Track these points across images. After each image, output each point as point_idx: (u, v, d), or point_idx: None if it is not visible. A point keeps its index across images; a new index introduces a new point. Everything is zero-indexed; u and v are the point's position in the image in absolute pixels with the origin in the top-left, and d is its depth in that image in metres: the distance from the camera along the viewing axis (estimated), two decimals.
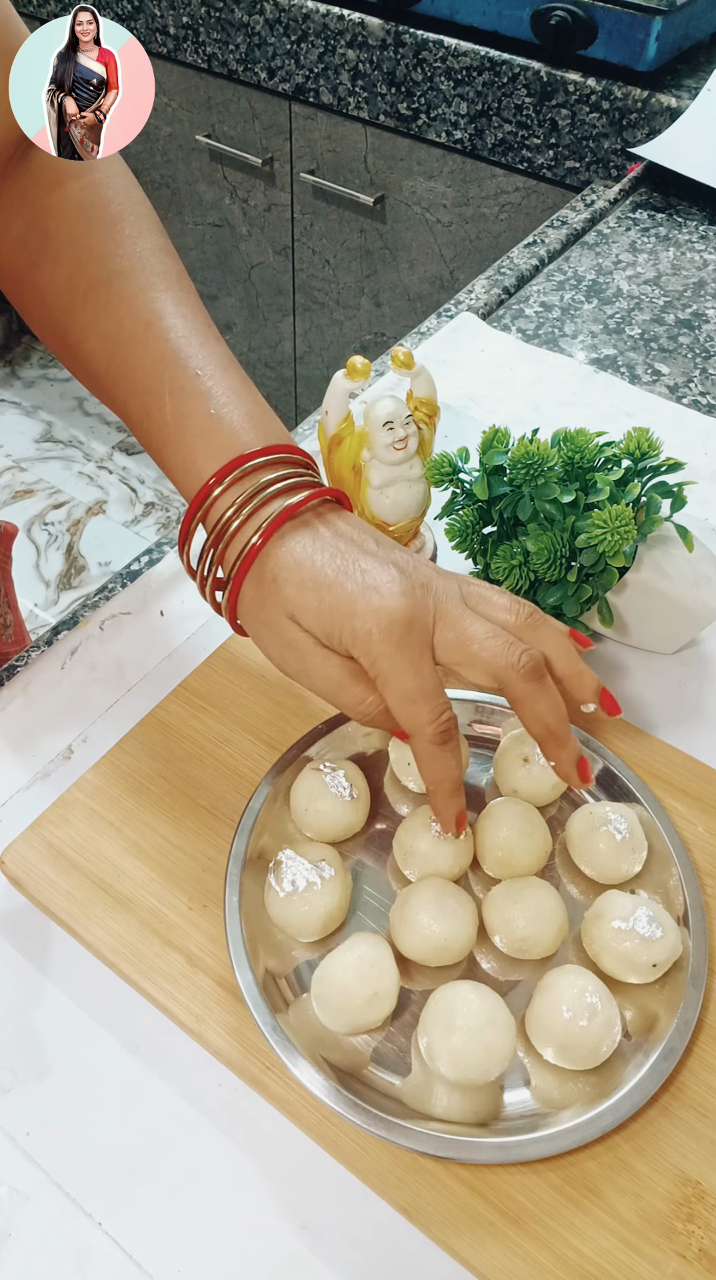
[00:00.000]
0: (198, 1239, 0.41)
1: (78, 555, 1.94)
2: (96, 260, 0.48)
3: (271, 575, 0.43)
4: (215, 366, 0.46)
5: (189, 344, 0.47)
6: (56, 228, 0.49)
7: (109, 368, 0.48)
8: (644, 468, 0.54)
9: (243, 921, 0.46)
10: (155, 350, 0.46)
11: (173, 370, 0.46)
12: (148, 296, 0.47)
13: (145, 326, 0.47)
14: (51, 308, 0.50)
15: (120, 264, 0.48)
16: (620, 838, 0.48)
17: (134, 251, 0.49)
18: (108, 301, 0.48)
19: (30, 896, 0.49)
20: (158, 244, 0.50)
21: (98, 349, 0.48)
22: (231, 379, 0.46)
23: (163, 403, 0.46)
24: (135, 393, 0.47)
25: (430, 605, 0.42)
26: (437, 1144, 0.40)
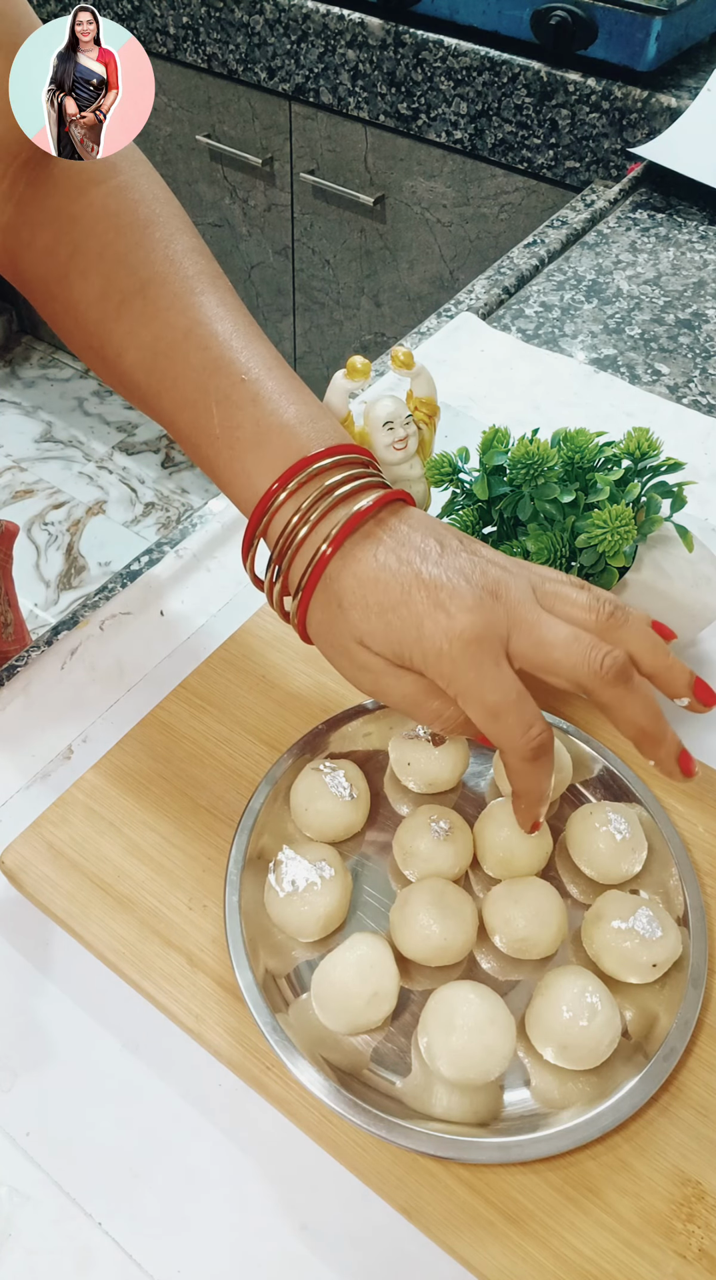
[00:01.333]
0: (198, 1239, 0.41)
1: (78, 555, 1.94)
2: (128, 269, 0.46)
3: (337, 600, 0.41)
4: (261, 368, 0.44)
5: (231, 349, 0.45)
6: (84, 238, 0.47)
7: (150, 381, 0.46)
8: (644, 468, 0.54)
9: (243, 921, 0.46)
10: (197, 359, 0.45)
11: (217, 379, 0.44)
12: (184, 302, 0.46)
13: (184, 335, 0.45)
14: (85, 321, 0.48)
15: (153, 271, 0.46)
16: (620, 838, 0.48)
17: (167, 256, 0.47)
18: (143, 312, 0.46)
19: (30, 896, 0.49)
20: (190, 245, 0.48)
21: (137, 362, 0.46)
22: (279, 380, 0.44)
23: (210, 415, 0.44)
24: (180, 406, 0.45)
25: (501, 614, 0.40)
26: (437, 1144, 0.40)
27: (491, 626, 0.39)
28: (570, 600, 0.41)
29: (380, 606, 0.40)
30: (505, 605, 0.40)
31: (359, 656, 0.41)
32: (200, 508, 0.70)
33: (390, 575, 0.40)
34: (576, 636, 0.39)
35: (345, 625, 0.41)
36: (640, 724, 0.40)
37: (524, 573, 0.42)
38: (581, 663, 0.39)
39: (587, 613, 0.41)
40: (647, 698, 0.40)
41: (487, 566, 0.41)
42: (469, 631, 0.39)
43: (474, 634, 0.39)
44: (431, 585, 0.40)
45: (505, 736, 0.39)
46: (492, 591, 0.40)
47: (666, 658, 0.41)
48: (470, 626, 0.39)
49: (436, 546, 0.41)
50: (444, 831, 0.47)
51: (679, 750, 0.41)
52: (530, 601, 0.40)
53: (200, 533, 0.67)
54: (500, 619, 0.39)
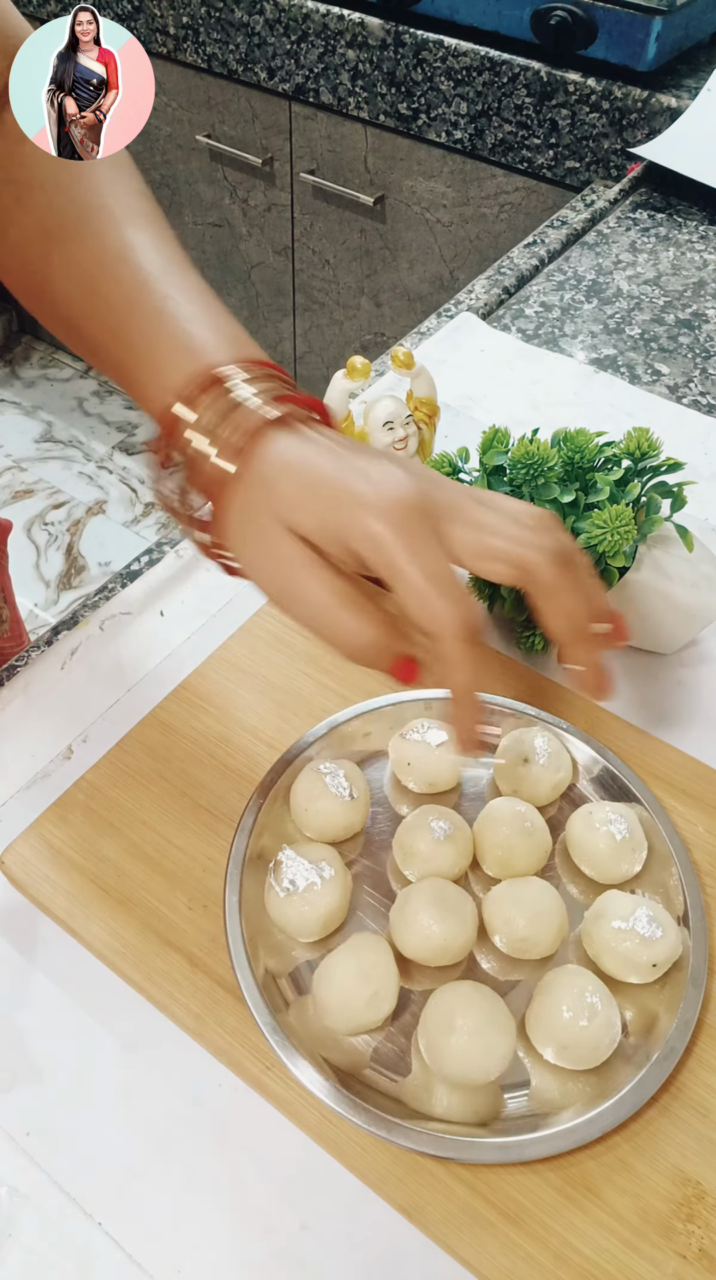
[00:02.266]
0: (198, 1239, 0.41)
1: (78, 555, 1.94)
2: (70, 200, 0.47)
3: (262, 477, 0.39)
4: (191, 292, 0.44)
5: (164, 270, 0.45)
6: (29, 176, 0.48)
7: (81, 302, 0.46)
8: (644, 468, 0.54)
9: (243, 921, 0.46)
10: (128, 280, 0.45)
11: (144, 296, 0.44)
12: (121, 231, 0.46)
13: (117, 259, 0.45)
14: (27, 259, 0.49)
15: (94, 200, 0.47)
16: (620, 838, 0.48)
17: (111, 191, 0.47)
18: (81, 237, 0.46)
19: (30, 896, 0.49)
20: (135, 187, 0.49)
21: (70, 287, 0.47)
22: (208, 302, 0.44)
23: (130, 327, 0.44)
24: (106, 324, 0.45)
25: (443, 498, 0.39)
26: (437, 1144, 0.40)
27: (432, 504, 0.38)
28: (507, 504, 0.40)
29: (313, 479, 0.38)
30: (446, 493, 0.39)
31: (281, 545, 0.39)
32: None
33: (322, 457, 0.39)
34: (516, 522, 0.39)
35: (272, 501, 0.39)
36: (574, 616, 0.39)
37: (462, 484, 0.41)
38: (525, 543, 0.38)
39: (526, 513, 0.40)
40: (585, 591, 0.39)
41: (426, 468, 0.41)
42: (411, 503, 0.37)
43: (416, 506, 0.37)
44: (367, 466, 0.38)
45: (441, 616, 0.37)
46: (432, 480, 0.39)
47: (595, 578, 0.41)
48: (412, 495, 0.37)
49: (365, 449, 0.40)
50: (444, 831, 0.47)
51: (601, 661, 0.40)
52: (469, 495, 0.40)
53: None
54: (442, 502, 0.39)
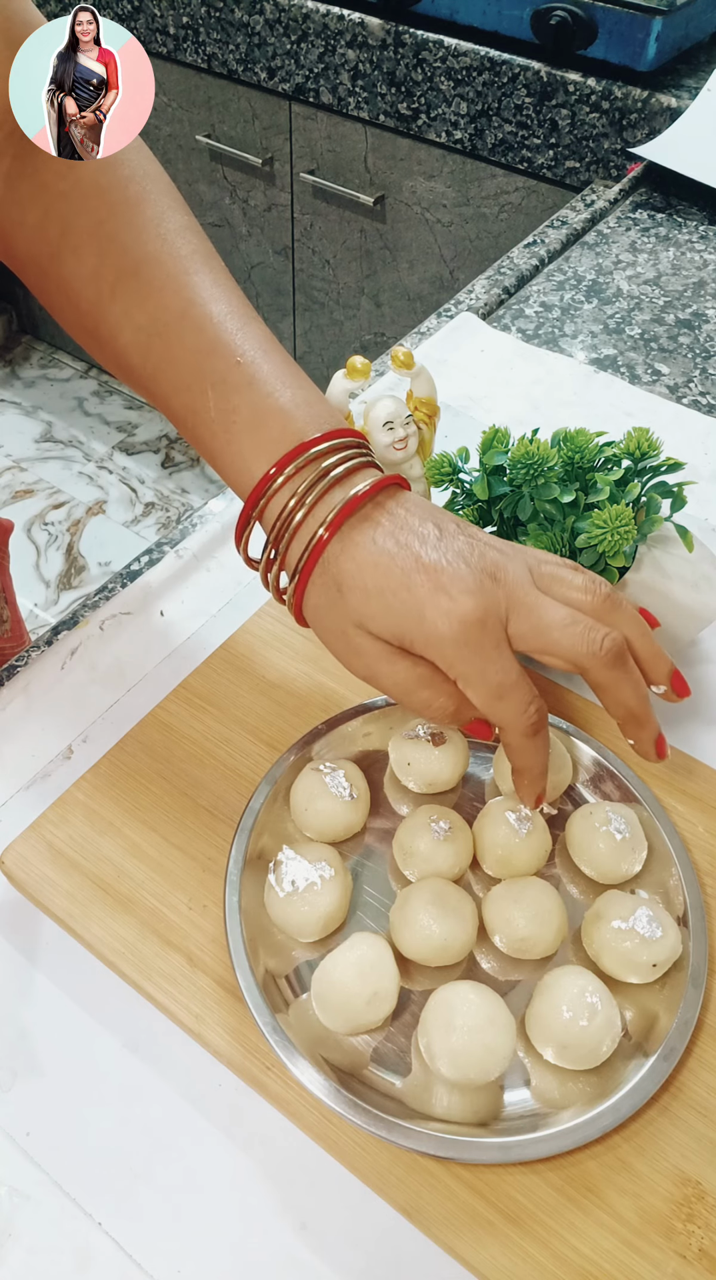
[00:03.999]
0: (198, 1239, 0.41)
1: (78, 555, 1.94)
2: (121, 248, 0.46)
3: (336, 582, 0.41)
4: (257, 351, 0.44)
5: (226, 330, 0.44)
6: (75, 215, 0.47)
7: (145, 363, 0.46)
8: (644, 468, 0.54)
9: (243, 921, 0.46)
10: (193, 341, 0.44)
11: (212, 361, 0.44)
12: (179, 282, 0.45)
13: (179, 316, 0.45)
14: (79, 302, 0.48)
15: (146, 250, 0.46)
16: (620, 838, 0.48)
17: (159, 234, 0.46)
18: (138, 292, 0.45)
19: (30, 896, 0.49)
20: (183, 223, 0.47)
21: (132, 344, 0.46)
22: (275, 363, 0.44)
23: (206, 398, 0.44)
24: (176, 389, 0.45)
25: (501, 596, 0.40)
26: (437, 1144, 0.40)
27: (492, 609, 0.40)
28: (566, 582, 0.42)
29: (380, 590, 0.40)
30: (504, 588, 0.41)
31: (356, 640, 0.42)
32: (200, 508, 0.70)
33: (389, 559, 0.41)
34: (574, 618, 0.40)
35: (344, 608, 0.41)
36: (630, 706, 0.42)
37: (520, 555, 0.42)
38: (580, 643, 0.40)
39: (584, 594, 0.42)
40: (639, 681, 0.42)
41: (485, 549, 0.42)
42: (471, 615, 0.39)
43: (476, 617, 0.39)
44: (431, 569, 0.40)
45: (508, 715, 0.40)
46: (491, 574, 0.41)
47: (653, 645, 0.43)
48: (472, 609, 0.39)
49: (434, 530, 0.42)
50: (444, 831, 0.47)
51: (657, 734, 0.43)
52: (528, 584, 0.41)
53: (200, 533, 0.67)
54: (499, 601, 0.40)
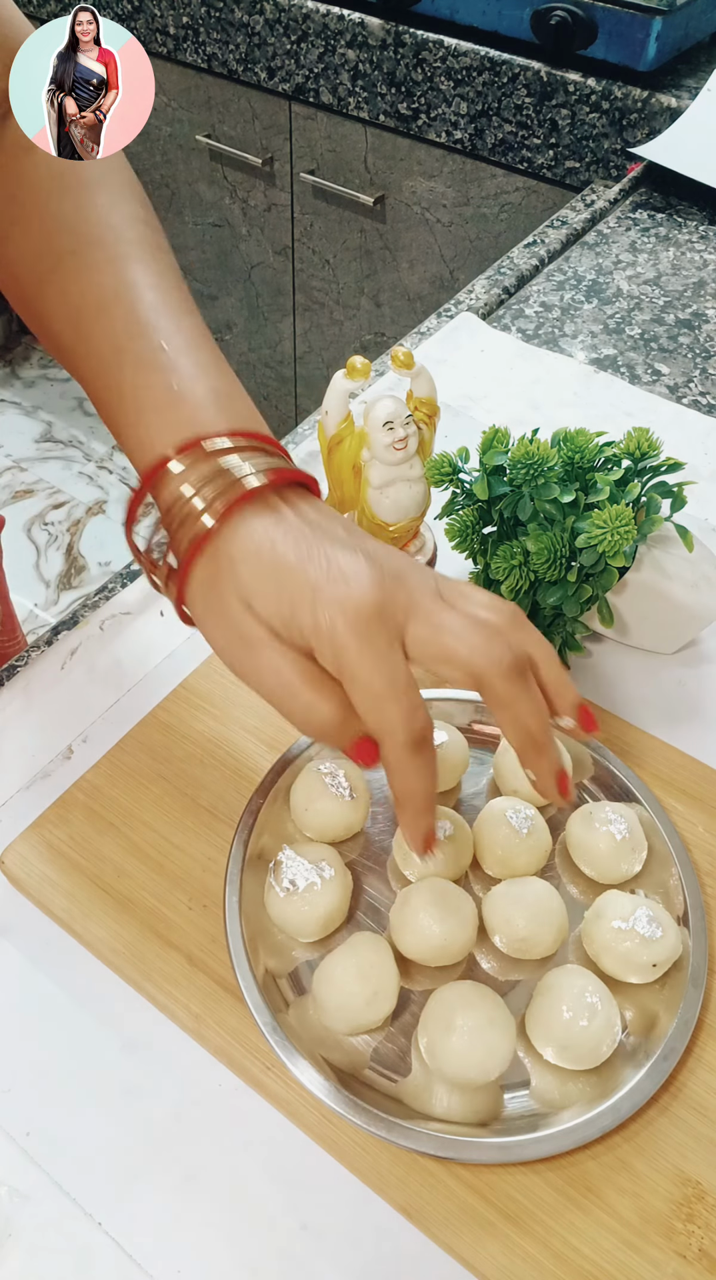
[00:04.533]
0: (198, 1239, 0.41)
1: (78, 555, 1.94)
2: (67, 229, 0.46)
3: (227, 555, 0.39)
4: (183, 340, 0.43)
5: (158, 315, 0.43)
6: (28, 196, 0.47)
7: (75, 340, 0.45)
8: (644, 468, 0.54)
9: (243, 921, 0.46)
10: (120, 322, 0.43)
11: (136, 343, 0.43)
12: (117, 266, 0.45)
13: (113, 296, 0.44)
14: (23, 280, 0.48)
15: (91, 232, 0.46)
16: (620, 838, 0.48)
17: (107, 220, 0.46)
18: (75, 271, 0.45)
19: (30, 896, 0.49)
20: (133, 212, 0.47)
21: (65, 322, 0.46)
22: (200, 354, 0.43)
23: (123, 375, 0.42)
24: (99, 365, 0.44)
25: (402, 597, 0.38)
26: (437, 1144, 0.40)
27: (390, 604, 0.37)
28: (471, 598, 0.39)
29: (275, 567, 0.38)
30: (406, 590, 0.38)
31: (241, 622, 0.38)
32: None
33: (290, 541, 0.38)
34: (476, 627, 0.38)
35: (232, 581, 0.38)
36: (528, 727, 0.39)
37: (429, 571, 0.40)
38: (479, 652, 0.37)
39: (488, 611, 0.39)
40: (539, 701, 0.39)
41: (393, 554, 0.40)
42: (367, 605, 0.37)
43: (372, 608, 0.37)
44: (334, 556, 0.38)
45: (387, 723, 0.37)
46: (396, 574, 0.38)
47: (560, 672, 0.40)
48: (370, 598, 0.37)
49: (341, 529, 0.40)
50: (444, 831, 0.47)
51: (559, 766, 0.40)
52: (432, 591, 0.39)
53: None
54: (400, 601, 0.38)
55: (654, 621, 0.58)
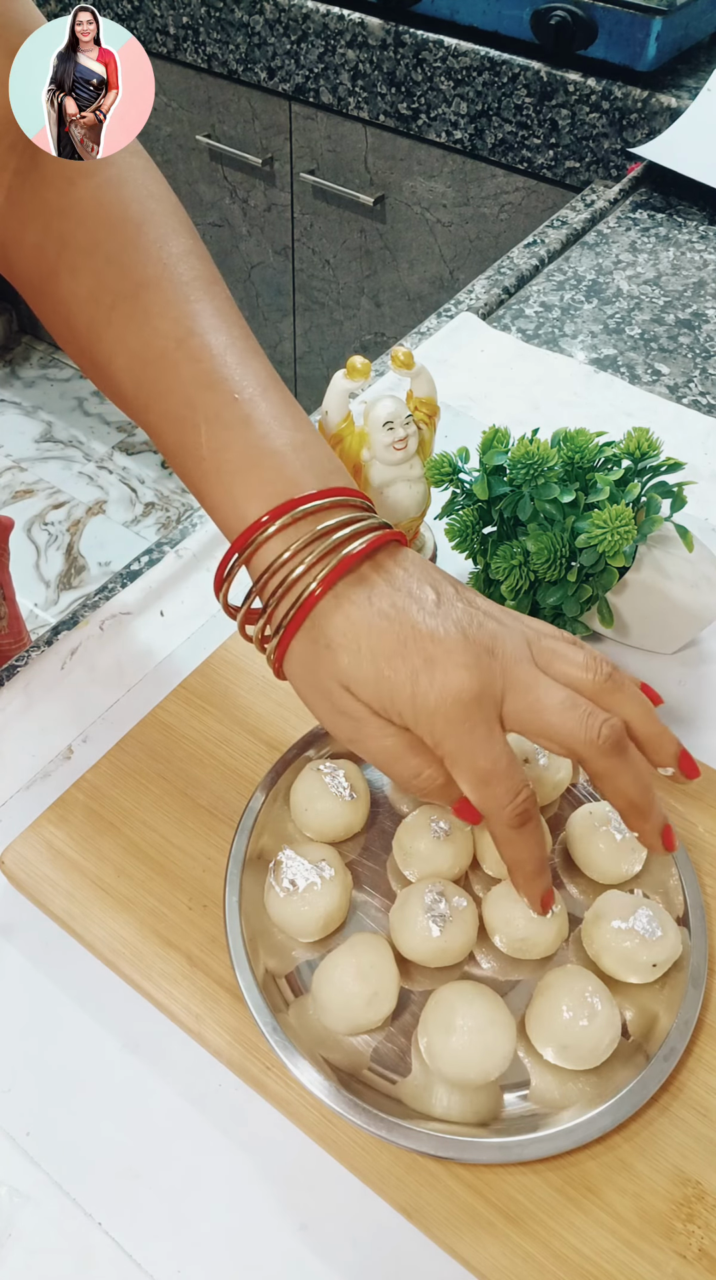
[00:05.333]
0: (198, 1239, 0.41)
1: (78, 555, 1.94)
2: (119, 270, 0.44)
3: (325, 640, 0.39)
4: (255, 388, 0.42)
5: (224, 364, 0.42)
6: (73, 233, 0.45)
7: (139, 391, 0.44)
8: (644, 468, 0.54)
9: (243, 921, 0.46)
10: (188, 372, 0.42)
11: (207, 395, 0.42)
12: (178, 310, 0.43)
13: (176, 344, 0.43)
14: (75, 323, 0.46)
15: (146, 273, 0.44)
16: (620, 838, 0.48)
17: (160, 258, 0.44)
18: (134, 317, 0.43)
19: (30, 896, 0.49)
20: (187, 247, 0.45)
21: (125, 370, 0.44)
22: (273, 402, 0.42)
23: (198, 432, 0.42)
24: (168, 421, 0.43)
25: (497, 672, 0.38)
26: (437, 1144, 0.40)
27: (487, 687, 0.38)
28: (566, 659, 0.40)
29: (372, 654, 0.38)
30: (501, 663, 0.39)
31: (341, 701, 0.40)
32: (200, 508, 0.70)
33: (384, 622, 0.39)
34: (573, 702, 0.38)
35: (332, 667, 0.39)
36: (631, 796, 0.40)
37: (518, 626, 0.41)
38: (577, 730, 0.38)
39: (584, 672, 0.40)
40: (640, 770, 0.40)
41: (484, 620, 0.40)
42: (466, 692, 0.37)
43: (470, 695, 0.38)
44: (427, 638, 0.38)
45: (493, 803, 0.38)
46: (489, 648, 0.39)
47: (657, 725, 0.41)
48: (467, 687, 0.38)
49: (432, 595, 0.40)
50: (444, 831, 0.47)
51: (663, 824, 0.41)
52: (526, 660, 0.39)
53: (200, 533, 0.67)
54: (496, 679, 0.38)
55: (654, 621, 0.58)
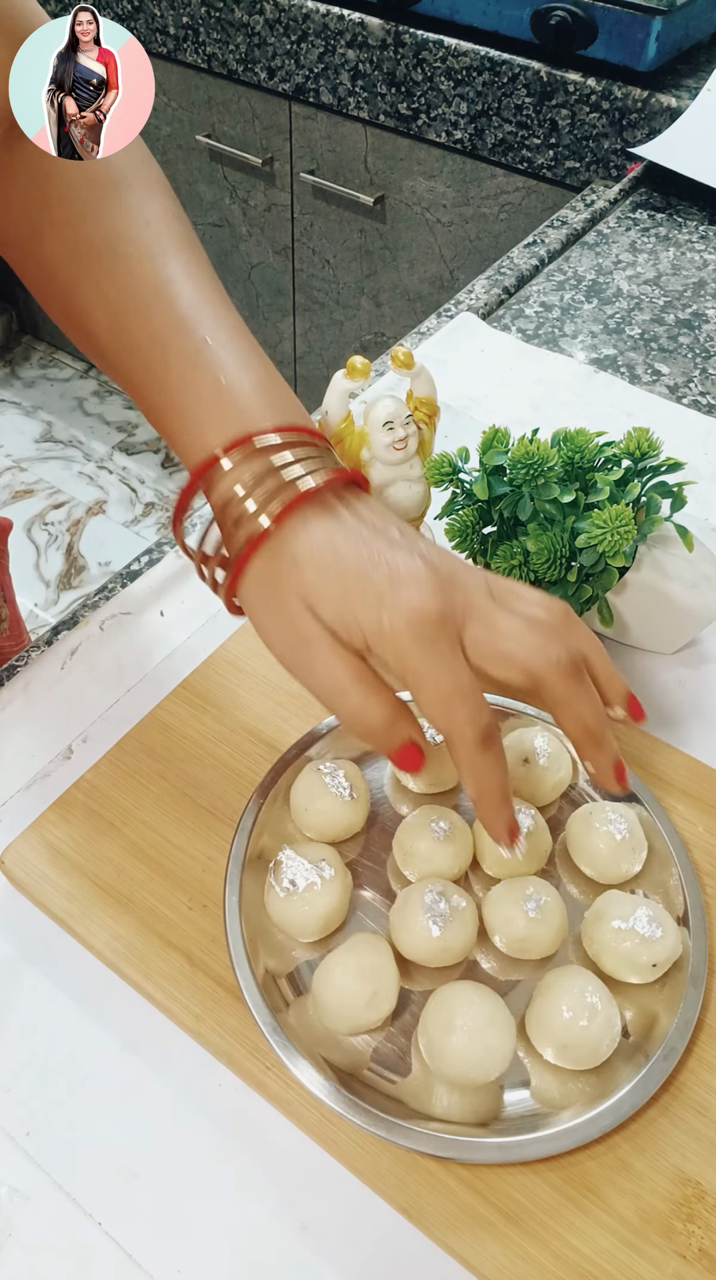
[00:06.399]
0: (198, 1239, 0.41)
1: (78, 555, 1.94)
2: (100, 225, 0.46)
3: (291, 557, 0.39)
4: (225, 334, 0.44)
5: (198, 309, 0.44)
6: (57, 193, 0.47)
7: (113, 338, 0.45)
8: (644, 468, 0.54)
9: (243, 921, 0.46)
10: (161, 317, 0.44)
11: (179, 338, 0.43)
12: (154, 262, 0.45)
13: (151, 292, 0.44)
14: (55, 278, 0.48)
15: (125, 229, 0.46)
16: (620, 838, 0.48)
17: (140, 216, 0.46)
18: (112, 268, 0.45)
19: (30, 896, 0.49)
20: (165, 207, 0.47)
21: (102, 319, 0.46)
22: (241, 346, 0.44)
23: (168, 369, 0.43)
24: (140, 365, 0.44)
25: (459, 601, 0.39)
26: (437, 1144, 0.40)
27: (450, 609, 0.39)
28: (522, 597, 0.41)
29: (339, 572, 0.39)
30: (463, 592, 0.39)
31: (301, 622, 0.39)
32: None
33: (352, 544, 0.39)
34: (532, 628, 0.39)
35: (296, 582, 0.39)
36: (586, 722, 0.40)
37: (478, 570, 0.42)
38: (537, 653, 0.39)
39: (540, 609, 0.40)
40: (595, 698, 0.40)
41: (446, 556, 0.41)
42: (431, 611, 0.38)
43: (436, 615, 0.38)
44: (394, 561, 0.39)
45: (456, 723, 0.38)
46: (451, 578, 0.40)
47: (610, 665, 0.42)
48: (433, 606, 0.38)
49: (396, 530, 0.41)
50: (444, 831, 0.47)
51: (616, 758, 0.42)
52: (486, 593, 0.40)
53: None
54: (458, 605, 0.39)
55: (654, 621, 0.58)
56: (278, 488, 0.40)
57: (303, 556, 0.39)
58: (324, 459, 0.42)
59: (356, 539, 0.40)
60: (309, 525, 0.40)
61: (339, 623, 0.39)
